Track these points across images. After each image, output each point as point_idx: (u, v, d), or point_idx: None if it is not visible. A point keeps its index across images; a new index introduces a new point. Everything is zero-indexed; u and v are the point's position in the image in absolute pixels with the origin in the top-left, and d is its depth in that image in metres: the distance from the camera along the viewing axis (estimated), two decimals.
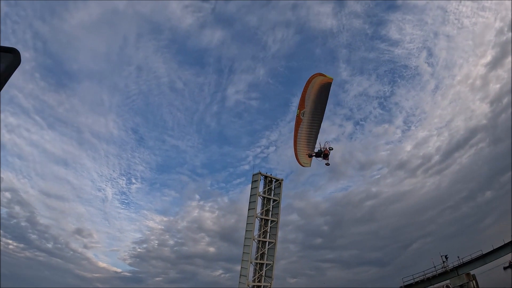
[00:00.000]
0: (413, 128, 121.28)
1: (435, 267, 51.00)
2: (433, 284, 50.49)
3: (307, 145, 20.76)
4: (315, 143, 20.39)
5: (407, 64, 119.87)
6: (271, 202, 53.94)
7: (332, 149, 20.54)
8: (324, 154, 20.60)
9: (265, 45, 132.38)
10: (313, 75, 19.07)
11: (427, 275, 50.59)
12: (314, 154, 20.88)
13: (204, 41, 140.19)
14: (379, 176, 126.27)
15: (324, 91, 19.53)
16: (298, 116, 19.79)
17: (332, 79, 19.00)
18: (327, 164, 20.92)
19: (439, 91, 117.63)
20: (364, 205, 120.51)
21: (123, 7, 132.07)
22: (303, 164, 21.34)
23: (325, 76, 19.00)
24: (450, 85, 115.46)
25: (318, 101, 19.74)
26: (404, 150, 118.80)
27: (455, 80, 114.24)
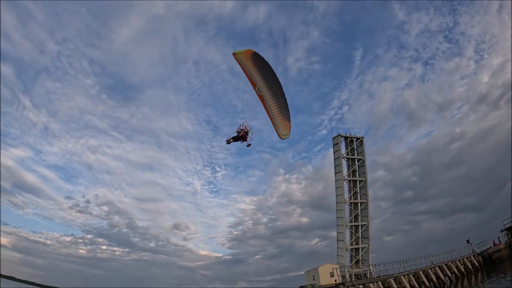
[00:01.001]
0: (486, 56, 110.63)
1: None
2: None
3: (281, 115, 19.01)
4: (287, 110, 18.82)
5: None
6: (356, 162, 51.40)
7: (251, 129, 19.03)
8: (241, 136, 18.82)
9: (311, 7, 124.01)
10: (233, 54, 17.73)
11: None
12: (232, 140, 19.06)
13: (250, 20, 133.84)
14: (460, 115, 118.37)
15: (255, 62, 17.73)
16: (257, 93, 18.59)
17: (250, 50, 17.47)
18: (249, 145, 19.33)
19: (505, 10, 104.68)
20: (450, 149, 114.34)
21: (163, 12, 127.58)
22: (281, 136, 19.60)
23: (241, 51, 17.42)
24: None
25: (259, 73, 18.04)
26: (482, 82, 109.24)
27: None
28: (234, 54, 17.68)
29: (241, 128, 18.76)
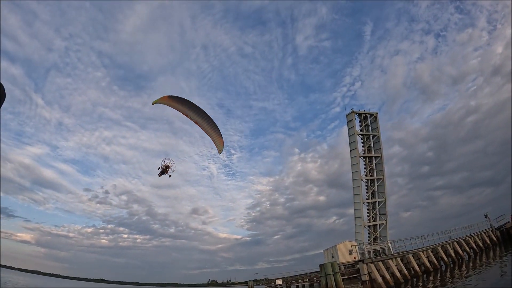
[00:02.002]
0: (499, 26, 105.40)
1: None
2: None
3: (215, 134, 21.51)
4: (217, 128, 21.25)
5: None
6: (371, 138, 50.94)
7: (170, 165, 21.63)
8: (164, 171, 21.59)
9: None
10: (152, 103, 20.50)
11: None
12: (160, 174, 21.78)
13: (257, 0, 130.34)
14: (475, 87, 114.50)
15: (176, 101, 20.27)
16: (192, 120, 20.97)
17: (165, 96, 19.77)
18: (170, 176, 21.93)
19: None
20: (466, 122, 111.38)
21: None
22: (219, 151, 22.34)
23: (157, 100, 19.93)
24: None
25: (184, 107, 20.39)
26: (496, 53, 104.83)
27: None
28: (153, 103, 20.38)
29: (162, 166, 21.44)
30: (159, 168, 21.64)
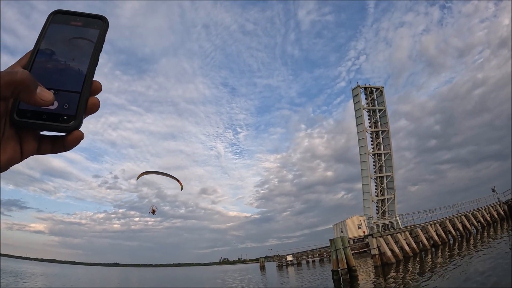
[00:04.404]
0: None
1: None
2: None
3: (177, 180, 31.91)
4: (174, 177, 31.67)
5: None
6: (377, 112, 50.35)
7: (156, 208, 31.68)
8: (154, 212, 31.09)
9: None
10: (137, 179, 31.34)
11: None
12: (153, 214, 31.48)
13: None
14: (481, 60, 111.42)
15: (150, 173, 31.56)
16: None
17: (140, 174, 30.63)
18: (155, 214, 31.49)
19: None
20: (473, 95, 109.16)
21: None
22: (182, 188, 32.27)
23: (139, 176, 30.98)
24: None
25: (157, 175, 32.32)
26: (502, 25, 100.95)
27: None
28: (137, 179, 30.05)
29: (152, 209, 30.85)
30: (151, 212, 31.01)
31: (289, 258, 53.70)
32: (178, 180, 30.62)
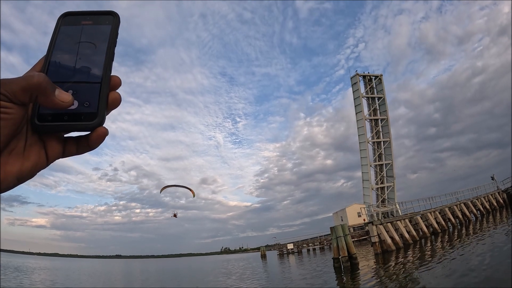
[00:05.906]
0: None
1: None
2: None
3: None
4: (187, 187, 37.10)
5: None
6: (376, 100, 50.20)
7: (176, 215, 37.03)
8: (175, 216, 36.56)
9: None
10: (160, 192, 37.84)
11: None
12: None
13: None
14: (481, 47, 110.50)
15: (165, 188, 37.63)
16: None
17: (162, 188, 36.72)
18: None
19: None
20: (472, 83, 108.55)
21: None
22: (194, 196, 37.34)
23: (161, 190, 36.98)
24: None
25: (172, 187, 38.30)
26: (502, 13, 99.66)
27: None
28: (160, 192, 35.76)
29: (173, 214, 36.55)
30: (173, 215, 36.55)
31: (290, 246, 54.18)
32: (191, 190, 35.04)
